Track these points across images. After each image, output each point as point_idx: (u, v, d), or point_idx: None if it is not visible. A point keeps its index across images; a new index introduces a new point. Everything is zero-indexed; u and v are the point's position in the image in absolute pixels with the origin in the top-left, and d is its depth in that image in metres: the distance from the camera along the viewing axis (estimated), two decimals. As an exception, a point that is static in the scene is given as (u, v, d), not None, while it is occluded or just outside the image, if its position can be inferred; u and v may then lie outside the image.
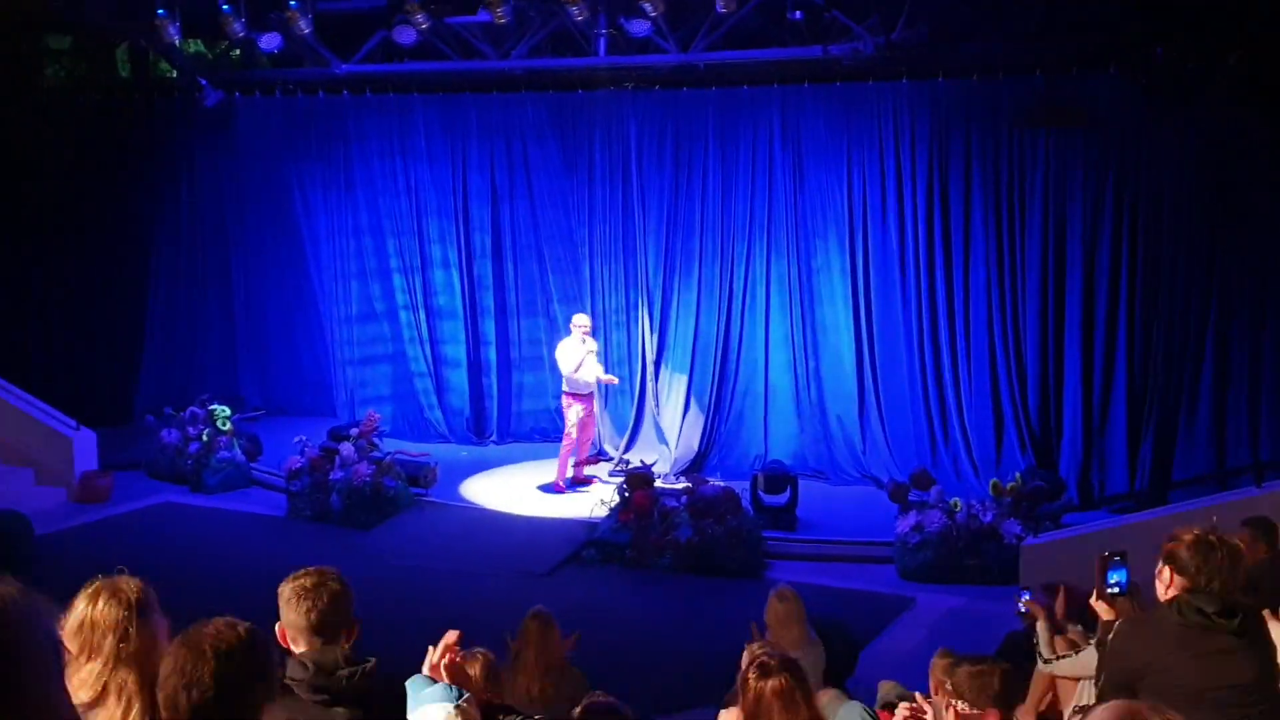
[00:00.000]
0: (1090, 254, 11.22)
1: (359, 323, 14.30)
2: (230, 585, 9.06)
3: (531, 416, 14.10)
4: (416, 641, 3.32)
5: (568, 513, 11.27)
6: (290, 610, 3.17)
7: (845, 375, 12.22)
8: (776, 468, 11.48)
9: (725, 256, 12.59)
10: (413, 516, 11.43)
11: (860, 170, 11.90)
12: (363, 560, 10.16)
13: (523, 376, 14.04)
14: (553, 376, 13.86)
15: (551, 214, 13.54)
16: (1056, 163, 11.24)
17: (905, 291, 11.88)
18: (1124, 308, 11.17)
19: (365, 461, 11.52)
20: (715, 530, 10.17)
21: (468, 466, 13.00)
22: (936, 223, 11.67)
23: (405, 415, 14.13)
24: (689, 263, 12.75)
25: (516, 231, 13.77)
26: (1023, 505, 10.00)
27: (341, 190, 14.12)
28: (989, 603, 9.16)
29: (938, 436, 11.88)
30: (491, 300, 13.84)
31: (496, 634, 5.56)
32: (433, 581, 9.92)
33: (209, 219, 15.07)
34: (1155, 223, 11.02)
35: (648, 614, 9.44)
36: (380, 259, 14.10)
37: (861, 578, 9.97)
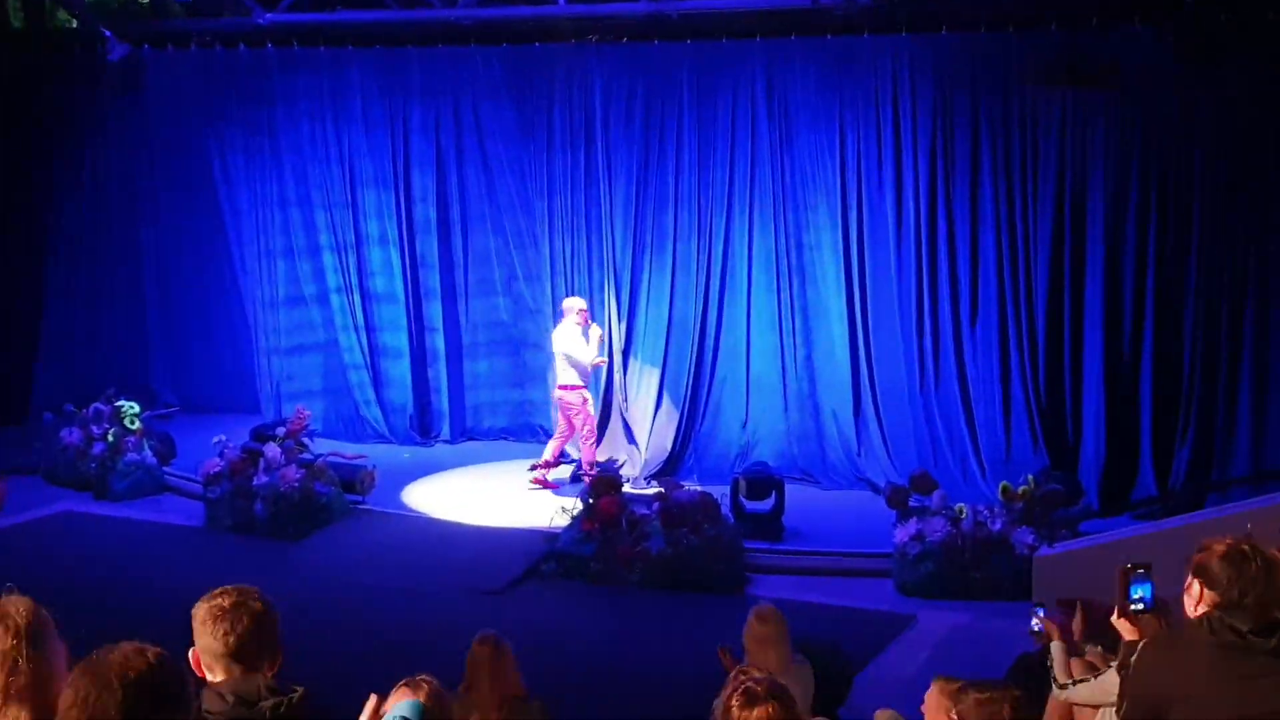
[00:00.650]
0: (1113, 230, 11.27)
1: (286, 307, 14.23)
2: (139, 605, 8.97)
3: (489, 410, 14.09)
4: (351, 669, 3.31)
5: (524, 522, 11.26)
6: (206, 634, 3.14)
7: (838, 365, 12.25)
8: (760, 470, 11.50)
9: (703, 232, 12.59)
10: (347, 527, 11.40)
11: (854, 135, 11.92)
12: (290, 577, 10.12)
13: (476, 364, 14.04)
14: (512, 364, 13.87)
15: (507, 183, 13.51)
16: (1074, 128, 11.27)
17: (904, 271, 11.90)
18: (1151, 290, 11.24)
19: (293, 464, 11.48)
20: (691, 541, 10.18)
21: (410, 470, 12.97)
22: (940, 195, 11.70)
23: (339, 412, 14.11)
24: (661, 239, 12.74)
25: (466, 203, 13.73)
26: (1036, 511, 10.05)
27: (266, 157, 14.04)
28: (998, 621, 9.20)
29: (941, 434, 11.93)
30: (438, 280, 13.82)
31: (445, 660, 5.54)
32: (370, 601, 9.89)
33: (115, 190, 14.94)
34: (1186, 196, 11.09)
35: (615, 635, 9.44)
36: (310, 235, 14.04)
37: (855, 593, 9.99)
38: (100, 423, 12.63)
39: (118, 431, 12.49)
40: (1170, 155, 11.11)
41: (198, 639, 3.17)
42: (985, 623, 9.36)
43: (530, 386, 13.83)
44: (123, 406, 12.64)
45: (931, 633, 9.36)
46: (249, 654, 3.13)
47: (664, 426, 12.77)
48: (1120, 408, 11.40)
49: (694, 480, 12.02)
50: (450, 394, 13.96)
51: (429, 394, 14.06)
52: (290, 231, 14.10)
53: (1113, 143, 11.19)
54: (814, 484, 12.26)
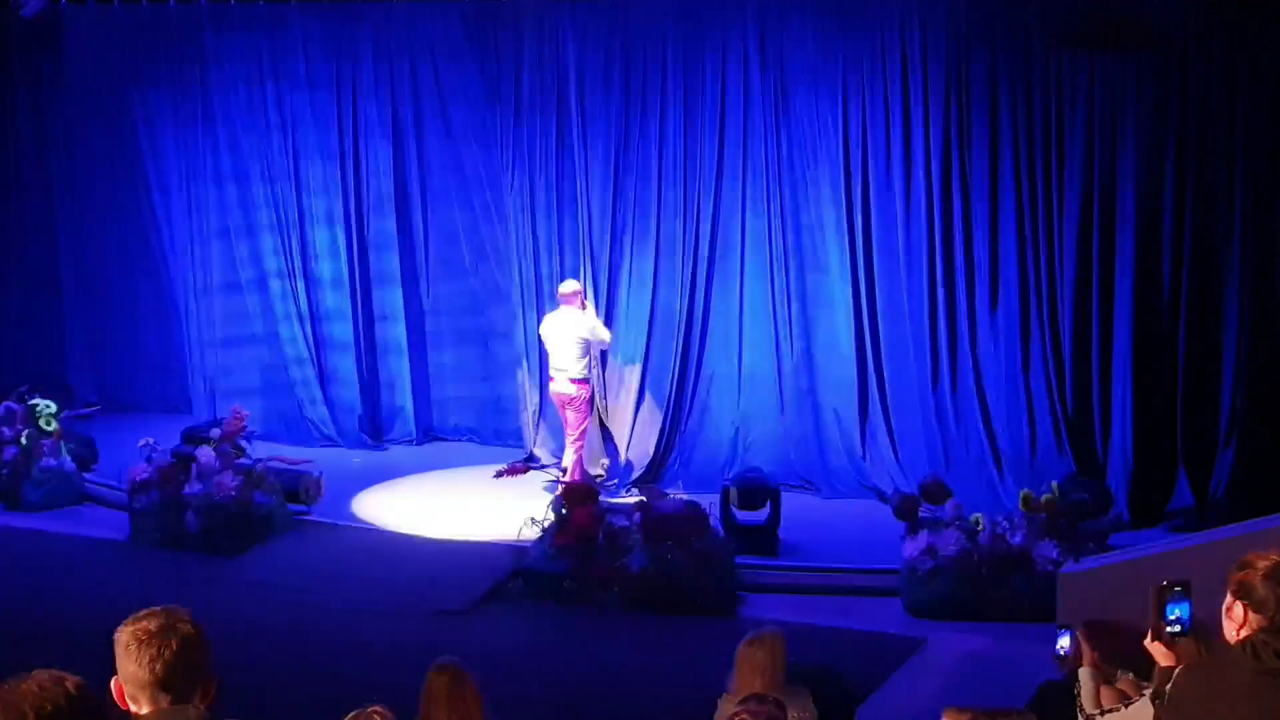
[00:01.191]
0: (1146, 208, 11.30)
1: (220, 294, 14.20)
2: (56, 629, 8.95)
3: (455, 407, 14.09)
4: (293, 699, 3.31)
5: (489, 535, 11.25)
6: (130, 661, 3.13)
7: (840, 359, 12.27)
8: (753, 477, 11.51)
9: (689, 210, 12.58)
10: (291, 541, 11.39)
11: (859, 102, 11.92)
12: (226, 596, 10.09)
13: (440, 356, 14.04)
14: (481, 355, 13.86)
15: (473, 153, 13.50)
16: (1104, 95, 11.29)
17: (915, 254, 11.92)
18: (1187, 274, 11.27)
19: (230, 471, 11.45)
20: (676, 556, 10.19)
21: (361, 477, 12.96)
22: (955, 169, 11.72)
23: (280, 412, 14.08)
24: (643, 218, 12.73)
25: (428, 175, 13.72)
26: (1061, 523, 10.08)
27: (198, 125, 13.98)
28: (1018, 645, 9.23)
29: (955, 437, 11.96)
30: (396, 262, 13.81)
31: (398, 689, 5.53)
32: (315, 623, 9.88)
33: (27, 161, 14.88)
34: (1227, 170, 11.13)
35: (591, 662, 9.44)
36: (247, 213, 14.00)
37: (859, 614, 10.02)
38: (11, 424, 12.57)
39: (32, 434, 12.44)
40: (1210, 124, 11.14)
41: (121, 667, 3.16)
42: (1004, 647, 9.40)
43: (500, 381, 13.83)
44: (37, 405, 12.58)
45: (944, 658, 9.40)
46: (178, 683, 3.12)
47: (646, 429, 12.76)
48: (1154, 406, 11.44)
49: (679, 488, 12.04)
50: (414, 389, 13.97)
51: (380, 390, 14.07)
52: (225, 209, 14.05)
53: (1146, 111, 11.22)
54: (813, 492, 12.29)
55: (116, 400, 14.94)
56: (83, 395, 14.80)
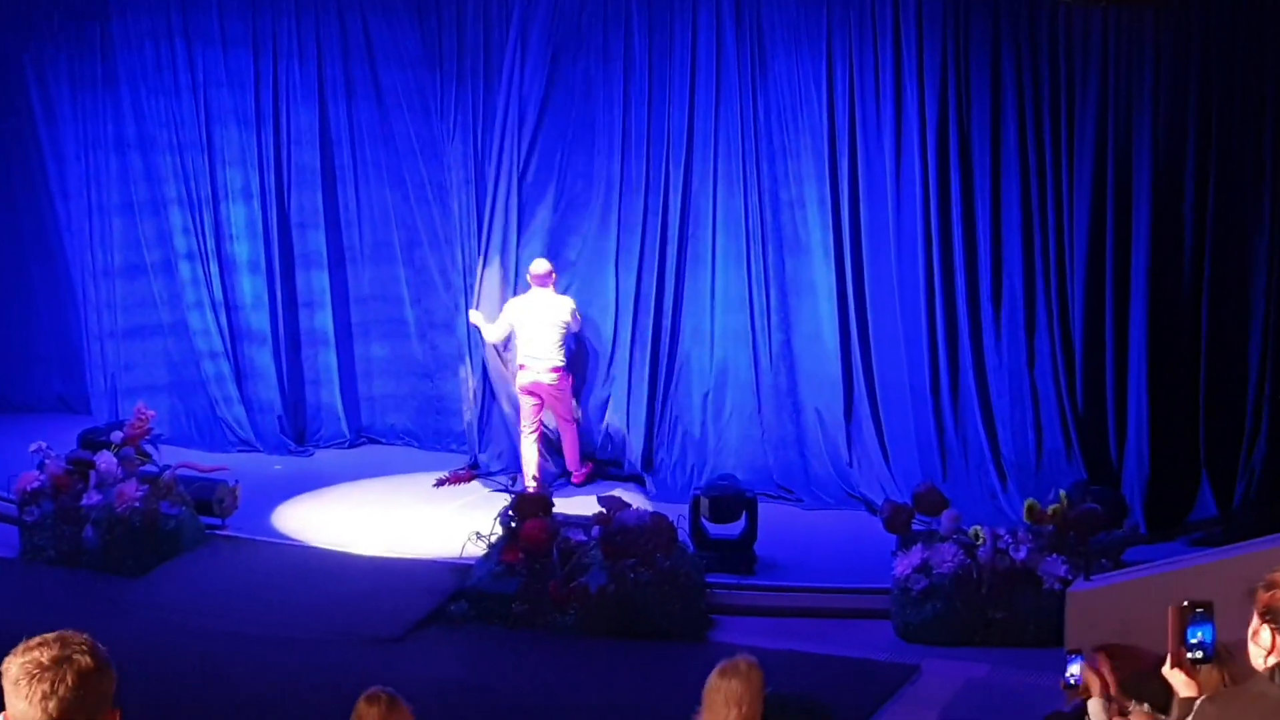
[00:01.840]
0: (1165, 183, 11.36)
1: (123, 278, 14.13)
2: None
3: (390, 406, 14.10)
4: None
5: (428, 551, 11.24)
6: (19, 698, 3.11)
7: (826, 353, 12.31)
8: (726, 485, 11.53)
9: (654, 185, 12.60)
10: (204, 558, 11.34)
11: (845, 64, 11.95)
12: (129, 621, 10.04)
13: (373, 349, 14.05)
14: (418, 349, 13.83)
15: (408, 122, 13.48)
16: (1119, 55, 11.35)
17: (908, 235, 11.96)
18: (1210, 257, 11.35)
19: (133, 479, 11.39)
20: (640, 575, 10.20)
21: (283, 485, 12.94)
22: (953, 139, 11.76)
23: (190, 412, 14.05)
24: (605, 193, 12.77)
25: (358, 144, 13.70)
26: (1069, 536, 10.14)
27: (98, 87, 13.90)
28: (1022, 672, 9.28)
29: (952, 440, 12.02)
30: (323, 243, 13.79)
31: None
32: (231, 651, 9.83)
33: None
34: (1255, 139, 11.20)
35: (544, 693, 9.44)
36: (153, 186, 13.92)
37: (845, 639, 10.04)
38: (-116, 426, 12.49)
39: (-93, 437, 12.36)
40: (1236, 89, 11.20)
41: (9, 703, 3.14)
42: (1006, 675, 9.45)
43: (441, 377, 13.83)
44: (-87, 405, 12.49)
45: (940, 688, 9.42)
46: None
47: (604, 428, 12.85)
48: (1174, 406, 11.52)
49: (643, 497, 12.03)
50: (342, 387, 13.97)
51: (304, 388, 14.05)
52: (129, 181, 13.98)
53: (1165, 75, 11.27)
54: (794, 502, 12.32)
55: (4, 400, 14.85)
56: (-35, 394, 14.74)
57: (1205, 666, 4.33)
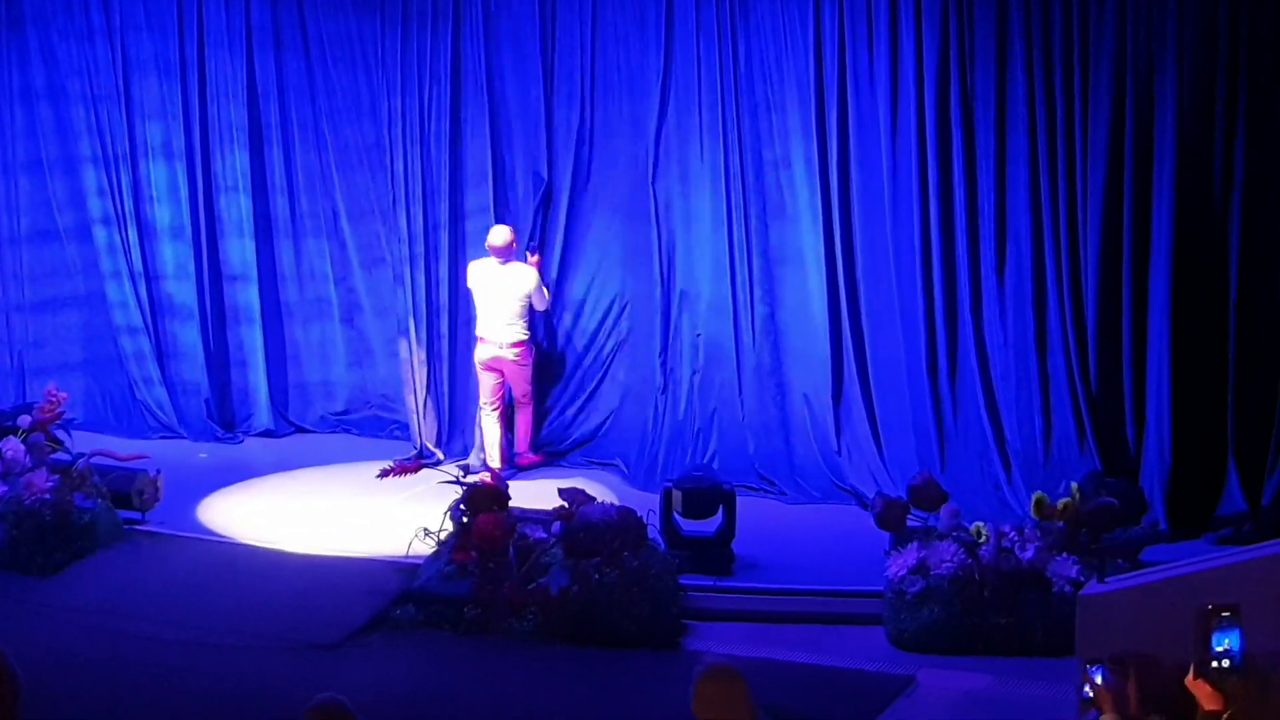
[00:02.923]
0: (1191, 141, 11.35)
1: (31, 244, 14.14)
2: None
3: (320, 392, 14.12)
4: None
5: (371, 549, 11.25)
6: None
7: (813, 329, 12.35)
8: (701, 477, 11.52)
9: (625, 141, 12.65)
10: (122, 555, 11.34)
11: (835, 6, 11.95)
12: (40, 624, 10.06)
13: (302, 329, 14.07)
14: (357, 327, 13.83)
15: (342, 75, 13.49)
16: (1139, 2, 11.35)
17: (904, 199, 11.97)
18: (1238, 225, 11.34)
19: (43, 469, 11.37)
20: (605, 576, 10.20)
21: (210, 476, 12.95)
22: (954, 91, 11.75)
23: (107, 394, 14.09)
24: (567, 149, 12.83)
25: (287, 101, 13.70)
26: (1081, 533, 10.15)
27: (1, 30, 13.82)
28: (1028, 684, 9.29)
29: (951, 426, 12.05)
30: (249, 207, 13.79)
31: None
32: (151, 659, 9.80)
33: None
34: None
35: (499, 706, 9.43)
36: (65, 142, 13.95)
37: (833, 647, 10.04)
38: None
39: None
40: (1267, 41, 11.22)
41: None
42: (1011, 687, 9.45)
43: (382, 358, 13.87)
44: None
45: (937, 701, 9.45)
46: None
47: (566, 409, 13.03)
48: (1199, 390, 11.53)
49: (608, 491, 12.05)
50: (271, 368, 13.99)
51: (230, 369, 14.05)
52: (37, 136, 13.98)
53: (1191, 16, 11.28)
54: (777, 495, 12.36)
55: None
56: None
57: (1232, 677, 4.34)
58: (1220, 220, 11.41)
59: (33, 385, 13.59)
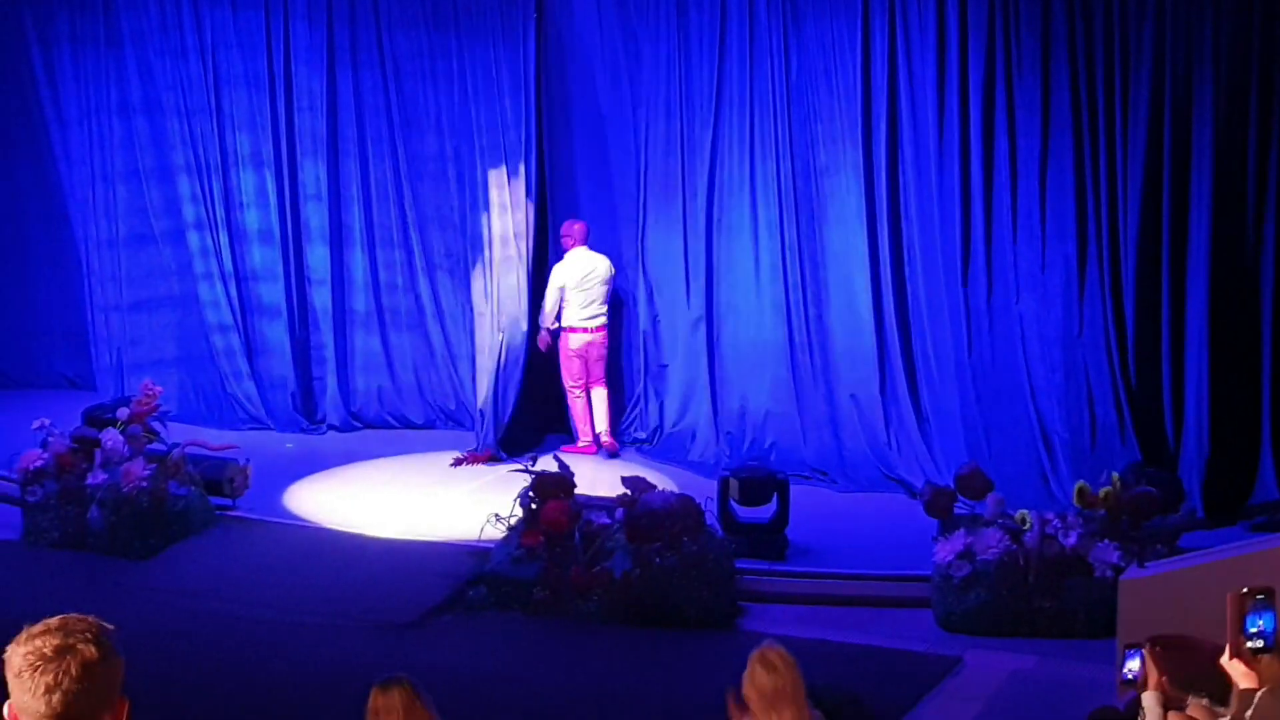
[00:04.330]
0: (1228, 139, 11.24)
1: (129, 247, 14.19)
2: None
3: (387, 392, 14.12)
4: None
5: (445, 534, 11.27)
6: (23, 688, 3.12)
7: (861, 327, 12.33)
8: (757, 467, 11.52)
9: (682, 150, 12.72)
10: (213, 540, 11.38)
11: (883, 18, 11.93)
12: (135, 605, 10.06)
13: (365, 338, 14.07)
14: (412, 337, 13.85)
15: (416, 89, 13.51)
16: (1177, 9, 11.23)
17: (950, 201, 11.92)
18: (1274, 223, 11.20)
19: (140, 458, 11.42)
20: (665, 560, 10.20)
21: (295, 465, 13.00)
22: (999, 97, 11.69)
23: (199, 388, 14.12)
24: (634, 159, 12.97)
25: (364, 114, 13.74)
26: (1122, 520, 10.10)
27: (101, 48, 13.95)
28: (1071, 665, 9.25)
29: (996, 419, 11.97)
30: (325, 217, 13.82)
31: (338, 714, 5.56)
32: (241, 637, 9.87)
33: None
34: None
35: (565, 683, 9.44)
36: (160, 152, 14.00)
37: (883, 629, 10.03)
38: (-120, 402, 12.56)
39: (-97, 414, 12.43)
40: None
41: (13, 694, 3.15)
42: (1054, 667, 9.41)
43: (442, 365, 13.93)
44: (-90, 381, 12.57)
45: (983, 681, 9.39)
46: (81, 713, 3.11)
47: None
48: (1236, 381, 11.45)
49: (668, 479, 12.05)
50: (337, 368, 14.02)
51: (312, 366, 14.09)
52: (134, 147, 14.04)
53: (1226, 24, 11.18)
54: (828, 484, 12.34)
55: (5, 375, 14.97)
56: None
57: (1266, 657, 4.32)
58: (1256, 218, 11.32)
59: (130, 380, 13.63)
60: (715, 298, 12.79)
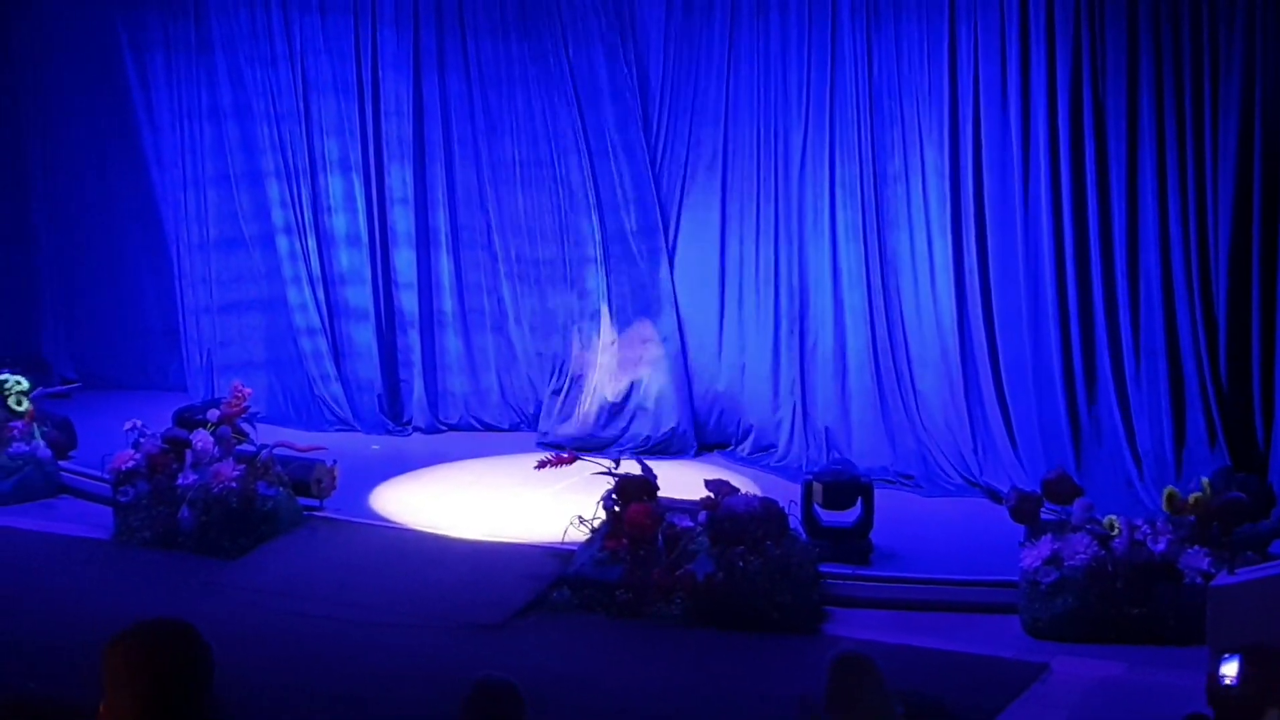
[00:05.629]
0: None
1: (218, 251, 14.33)
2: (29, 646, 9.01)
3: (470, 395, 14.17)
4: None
5: (530, 535, 11.29)
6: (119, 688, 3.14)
7: (946, 333, 12.30)
8: (841, 471, 11.47)
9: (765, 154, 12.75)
10: (301, 540, 11.45)
11: (969, 25, 11.89)
12: (225, 604, 10.14)
13: (451, 340, 14.12)
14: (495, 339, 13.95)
15: (500, 96, 13.58)
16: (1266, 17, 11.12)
17: (1035, 208, 11.86)
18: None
19: (229, 459, 11.52)
20: (749, 563, 10.18)
21: (381, 466, 13.06)
22: (1086, 103, 11.62)
23: (288, 390, 14.22)
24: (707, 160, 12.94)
25: (450, 119, 13.79)
26: (1212, 527, 9.99)
27: (193, 53, 14.10)
28: (1160, 672, 9.17)
29: (1084, 423, 11.89)
30: (411, 221, 13.88)
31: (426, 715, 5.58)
32: (330, 637, 9.92)
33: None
34: None
35: (648, 686, 9.44)
36: (250, 157, 14.11)
37: (968, 635, 9.96)
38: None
39: (0, 415, 12.54)
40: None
41: (108, 692, 3.17)
42: (1143, 675, 9.33)
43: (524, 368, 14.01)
44: (6, 382, 12.69)
45: (1070, 688, 9.32)
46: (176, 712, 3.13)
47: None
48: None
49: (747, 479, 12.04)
50: (424, 371, 14.07)
51: (399, 369, 14.15)
52: (224, 152, 14.16)
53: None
54: (913, 489, 12.28)
55: (98, 376, 15.09)
56: (59, 370, 14.94)
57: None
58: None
59: (220, 382, 13.77)
60: (803, 302, 12.76)
